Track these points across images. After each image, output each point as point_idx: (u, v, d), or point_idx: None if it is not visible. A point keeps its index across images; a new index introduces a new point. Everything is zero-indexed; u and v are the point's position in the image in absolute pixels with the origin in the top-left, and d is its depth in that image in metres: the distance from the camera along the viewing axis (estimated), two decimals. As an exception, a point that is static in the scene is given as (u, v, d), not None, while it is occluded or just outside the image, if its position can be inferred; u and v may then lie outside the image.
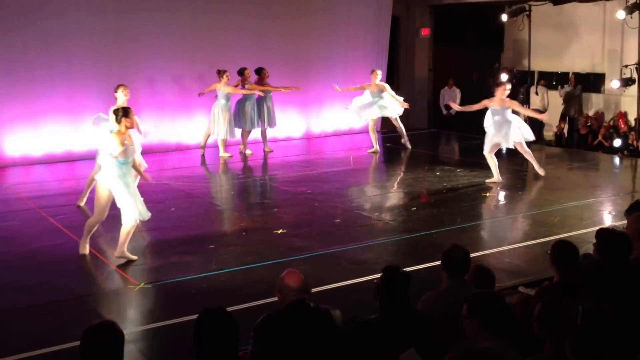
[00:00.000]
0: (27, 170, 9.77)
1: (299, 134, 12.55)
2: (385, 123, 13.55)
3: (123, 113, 5.57)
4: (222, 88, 10.29)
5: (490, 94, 13.69)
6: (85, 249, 5.83)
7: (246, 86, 10.59)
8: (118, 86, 7.40)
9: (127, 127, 5.58)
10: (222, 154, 10.54)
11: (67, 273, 5.51)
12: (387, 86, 10.74)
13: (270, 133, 11.34)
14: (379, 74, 10.70)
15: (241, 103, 10.71)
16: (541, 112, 11.40)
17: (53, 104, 10.21)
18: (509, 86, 8.91)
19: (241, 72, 10.58)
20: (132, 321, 4.48)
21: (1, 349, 4.08)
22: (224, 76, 10.26)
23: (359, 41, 13.02)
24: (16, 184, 8.92)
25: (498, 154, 8.82)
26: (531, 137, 8.77)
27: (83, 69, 10.31)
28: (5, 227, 6.83)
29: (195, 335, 2.73)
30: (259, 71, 10.74)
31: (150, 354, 4.09)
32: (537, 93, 13.19)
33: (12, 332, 4.37)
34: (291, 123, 12.31)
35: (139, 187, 6.15)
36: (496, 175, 8.57)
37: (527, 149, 8.72)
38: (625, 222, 4.37)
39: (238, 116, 10.69)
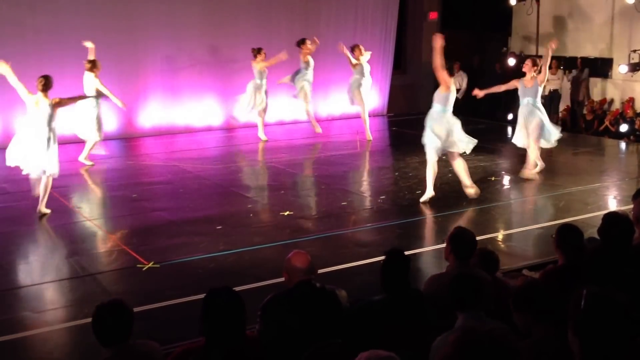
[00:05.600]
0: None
1: (306, 116, 12.53)
2: (392, 107, 13.54)
3: None
4: (257, 66, 10.21)
5: (494, 79, 13.59)
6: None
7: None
8: None
9: None
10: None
11: (77, 252, 5.59)
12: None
13: (277, 116, 11.33)
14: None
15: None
16: None
17: (63, 85, 10.20)
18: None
19: (300, 43, 10.48)
20: (140, 300, 4.53)
21: (13, 326, 4.17)
22: (260, 54, 10.18)
23: (367, 24, 12.93)
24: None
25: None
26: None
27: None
28: (16, 207, 6.91)
29: (203, 314, 2.78)
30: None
31: (158, 332, 4.16)
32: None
33: (23, 310, 4.46)
34: (298, 106, 12.29)
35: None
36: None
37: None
38: (632, 206, 4.38)
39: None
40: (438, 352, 3.21)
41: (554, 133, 8.11)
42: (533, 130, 7.86)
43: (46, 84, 6.49)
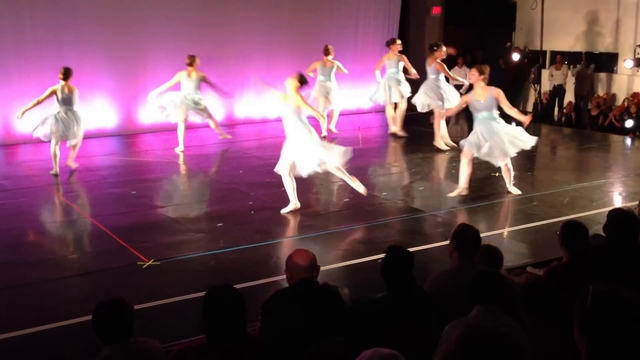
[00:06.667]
0: (37, 148, 9.81)
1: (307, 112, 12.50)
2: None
3: None
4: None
5: (499, 73, 13.46)
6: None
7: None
8: None
9: None
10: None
11: (77, 249, 5.57)
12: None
13: (278, 113, 11.27)
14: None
15: None
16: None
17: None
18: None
19: None
20: (141, 297, 4.51)
21: (13, 323, 4.15)
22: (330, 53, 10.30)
23: (369, 20, 12.89)
24: (27, 161, 8.99)
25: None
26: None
27: (92, 47, 10.30)
28: (16, 204, 6.89)
29: (204, 312, 2.75)
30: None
31: (158, 330, 4.14)
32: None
33: (23, 307, 4.43)
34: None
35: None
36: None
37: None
38: (637, 203, 4.34)
39: None
40: (447, 341, 3.21)
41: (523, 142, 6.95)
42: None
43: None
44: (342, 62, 11.03)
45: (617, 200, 7.04)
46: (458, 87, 13.50)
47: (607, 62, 12.74)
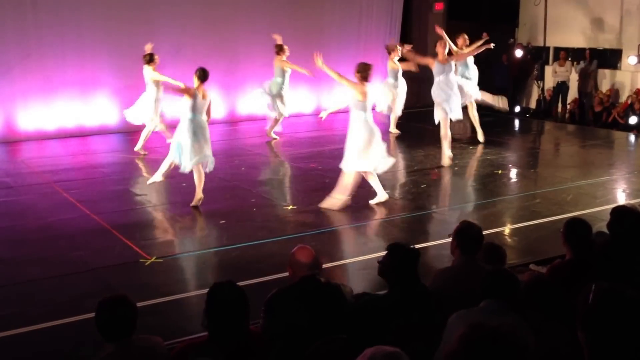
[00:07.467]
0: (40, 145, 9.84)
1: (310, 110, 12.49)
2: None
3: None
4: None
5: (502, 70, 13.41)
6: None
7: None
8: None
9: None
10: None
11: (80, 246, 5.57)
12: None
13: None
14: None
15: None
16: None
17: (65, 78, 10.24)
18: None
19: None
20: (143, 294, 4.51)
21: (16, 320, 4.16)
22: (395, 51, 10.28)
23: (372, 16, 12.87)
24: (30, 159, 9.00)
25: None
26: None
27: (94, 43, 10.31)
28: (20, 201, 6.91)
29: (207, 309, 2.75)
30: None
31: (161, 327, 4.14)
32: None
33: (26, 304, 4.44)
34: (302, 99, 12.24)
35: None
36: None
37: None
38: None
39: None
40: (453, 330, 3.21)
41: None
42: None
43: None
44: (344, 59, 11.01)
45: (621, 198, 7.02)
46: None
47: (611, 58, 12.70)
